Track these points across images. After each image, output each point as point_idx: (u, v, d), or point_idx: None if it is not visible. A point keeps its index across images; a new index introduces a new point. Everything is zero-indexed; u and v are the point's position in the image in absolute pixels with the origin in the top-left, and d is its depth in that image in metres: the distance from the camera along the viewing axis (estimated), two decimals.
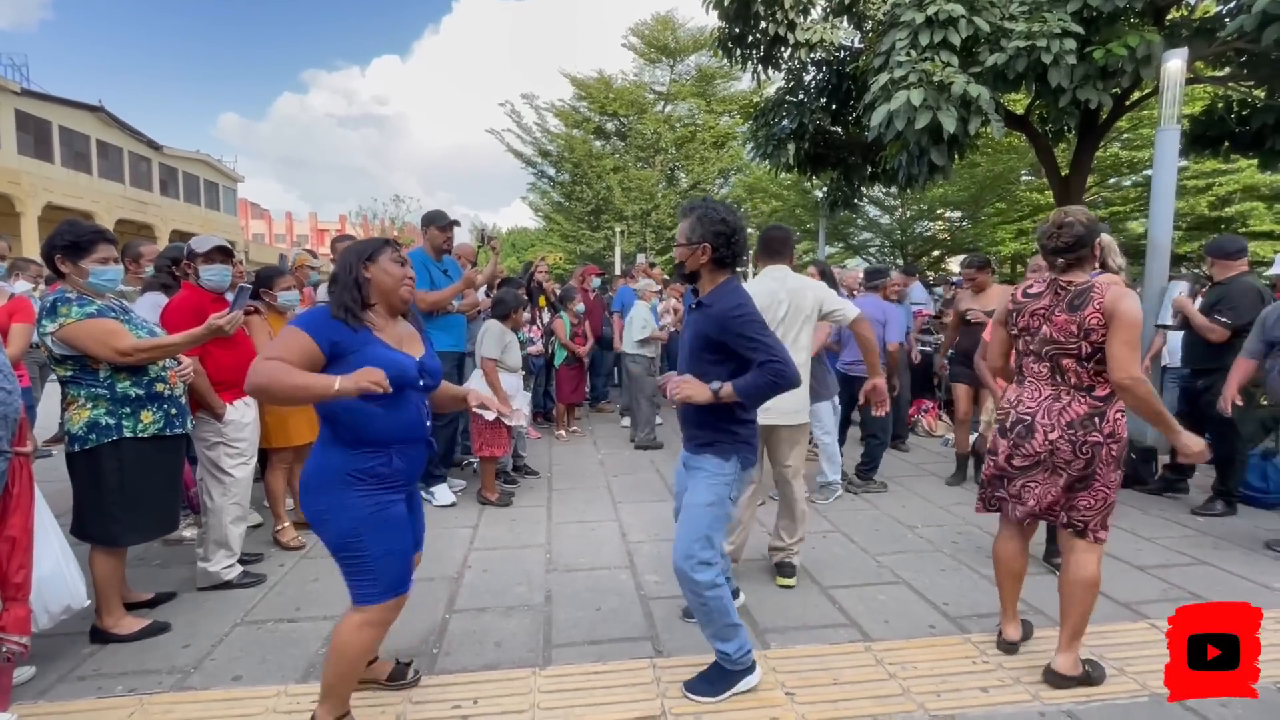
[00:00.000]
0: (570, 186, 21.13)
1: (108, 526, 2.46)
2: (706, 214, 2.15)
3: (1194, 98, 10.34)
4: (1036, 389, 2.30)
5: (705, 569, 2.10)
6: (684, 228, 2.19)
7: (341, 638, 1.85)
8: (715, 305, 2.11)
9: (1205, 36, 6.69)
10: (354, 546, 1.81)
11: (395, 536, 1.86)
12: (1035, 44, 5.83)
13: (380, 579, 1.84)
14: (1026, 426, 2.28)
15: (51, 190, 19.54)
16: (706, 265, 2.17)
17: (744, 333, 2.04)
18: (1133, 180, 15.54)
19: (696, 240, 2.15)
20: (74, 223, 2.50)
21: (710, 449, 2.17)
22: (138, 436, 2.46)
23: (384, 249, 1.93)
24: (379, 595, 1.84)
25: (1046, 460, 2.25)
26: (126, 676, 2.30)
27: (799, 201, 18.16)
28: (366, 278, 1.88)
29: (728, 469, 2.16)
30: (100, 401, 2.41)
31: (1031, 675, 2.31)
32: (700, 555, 2.11)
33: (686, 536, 2.14)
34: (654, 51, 20.86)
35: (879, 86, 6.25)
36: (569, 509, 4.23)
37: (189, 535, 3.50)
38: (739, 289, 2.16)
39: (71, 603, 2.31)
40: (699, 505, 2.16)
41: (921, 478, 4.93)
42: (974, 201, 16.52)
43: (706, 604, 2.11)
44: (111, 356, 2.36)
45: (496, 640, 2.57)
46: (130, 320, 2.52)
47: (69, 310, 2.33)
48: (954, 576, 3.19)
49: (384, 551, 1.83)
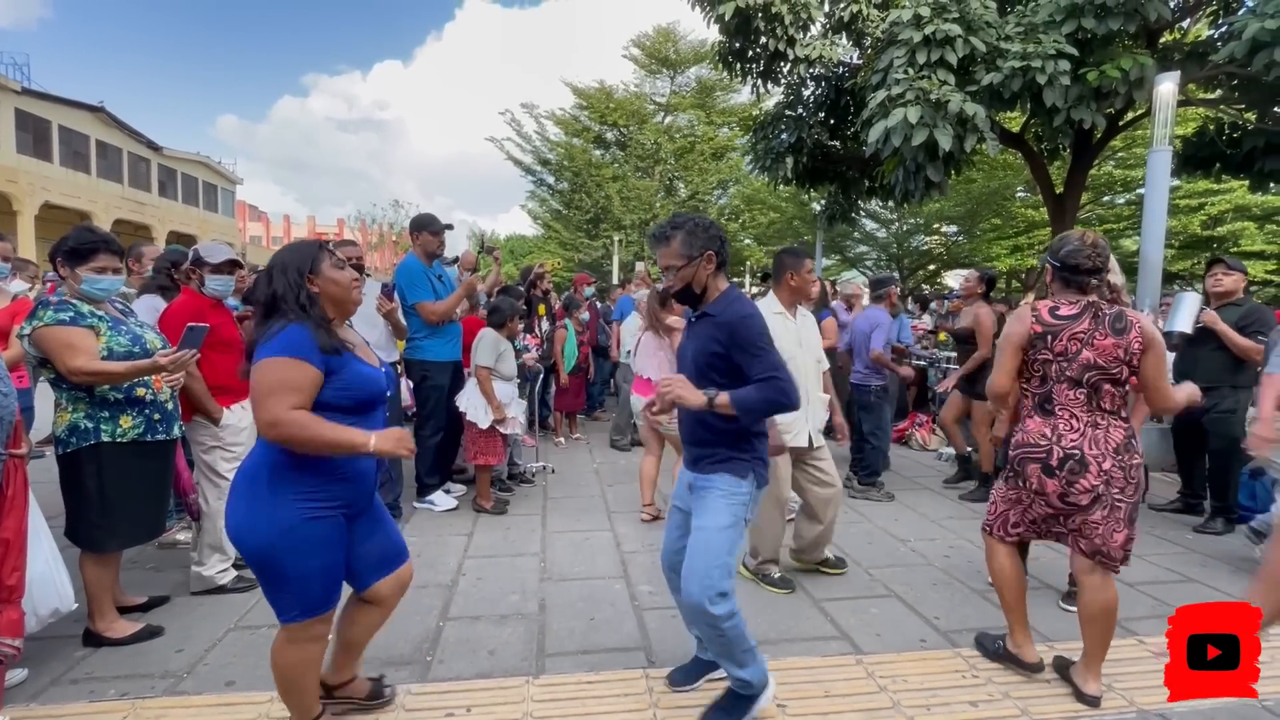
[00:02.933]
0: (569, 195, 21.23)
1: (88, 531, 2.45)
2: (696, 225, 2.05)
3: (1186, 119, 10.48)
4: (1072, 418, 2.18)
5: (723, 601, 1.94)
6: (675, 248, 2.03)
7: (274, 657, 1.82)
8: (722, 313, 1.99)
9: (1197, 60, 6.82)
10: (269, 563, 1.70)
11: (323, 554, 1.74)
12: (1030, 64, 5.94)
13: (299, 598, 1.73)
14: (1079, 461, 2.14)
15: (49, 189, 19.53)
16: (711, 275, 2.06)
17: (753, 341, 1.92)
18: (1126, 198, 15.72)
19: (699, 253, 2.01)
20: (86, 229, 2.52)
21: (724, 467, 2.02)
22: (117, 442, 2.44)
23: (321, 257, 1.78)
24: (299, 614, 1.74)
25: (1104, 495, 2.14)
26: (119, 680, 2.30)
27: (797, 214, 18.29)
28: (314, 292, 1.76)
29: (744, 487, 2.02)
30: (80, 404, 2.41)
31: (1020, 690, 2.33)
32: (720, 586, 1.94)
33: (704, 564, 1.96)
34: (655, 63, 21.04)
35: (877, 103, 6.34)
36: (564, 518, 4.24)
37: (183, 539, 3.49)
38: (744, 297, 2.07)
39: (60, 606, 2.31)
40: (716, 529, 1.98)
41: (915, 491, 4.96)
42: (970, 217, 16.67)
43: (725, 635, 1.97)
44: (63, 370, 2.33)
45: (490, 649, 2.57)
46: (117, 329, 2.47)
47: (44, 314, 2.34)
48: (945, 591, 3.21)
49: (305, 570, 1.71)
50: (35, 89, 19.44)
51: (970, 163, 8.63)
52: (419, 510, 4.25)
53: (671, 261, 2.04)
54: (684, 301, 2.13)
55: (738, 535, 2.03)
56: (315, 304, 1.76)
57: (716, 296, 2.06)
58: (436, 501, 4.24)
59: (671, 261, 2.04)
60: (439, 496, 4.27)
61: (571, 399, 6.50)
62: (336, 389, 1.72)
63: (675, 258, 2.03)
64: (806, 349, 3.21)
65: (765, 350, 1.92)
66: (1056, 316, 2.21)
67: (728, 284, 2.09)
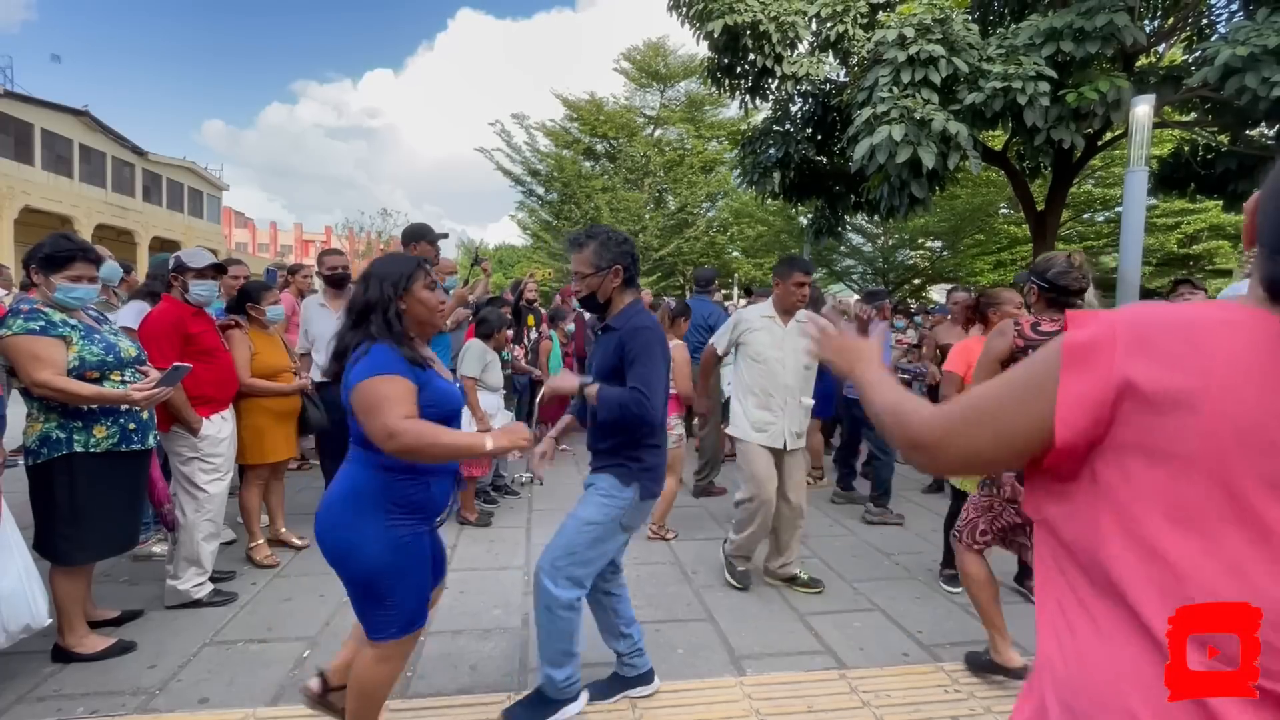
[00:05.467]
0: (559, 205, 21.25)
1: (57, 544, 2.39)
2: (609, 238, 2.14)
3: (1162, 140, 10.75)
4: None
5: (569, 586, 2.04)
6: (587, 256, 2.12)
7: (360, 675, 1.79)
8: (624, 326, 2.09)
9: (1172, 84, 7.02)
10: (377, 583, 1.72)
11: (419, 571, 1.79)
12: (1011, 85, 6.07)
13: (399, 616, 1.76)
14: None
15: (30, 193, 19.23)
16: (617, 288, 2.15)
17: (637, 351, 2.01)
18: (1105, 216, 16.03)
19: (607, 265, 2.11)
20: (63, 237, 2.47)
21: (610, 470, 2.11)
22: (90, 452, 2.39)
23: (416, 276, 1.80)
24: (396, 632, 1.77)
25: None
26: (89, 698, 2.25)
27: (784, 227, 18.45)
28: (402, 309, 1.78)
29: (625, 494, 2.08)
30: (52, 414, 2.36)
31: (1003, 705, 2.34)
32: (568, 570, 2.05)
33: (559, 546, 2.07)
34: (645, 76, 21.20)
35: (862, 120, 6.44)
36: (549, 530, 4.16)
37: (158, 551, 3.43)
38: (645, 312, 2.17)
39: (31, 622, 2.24)
40: (581, 519, 2.08)
41: (898, 504, 4.98)
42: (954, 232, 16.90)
43: (555, 621, 2.06)
44: (26, 382, 2.28)
45: (472, 664, 2.54)
46: (90, 338, 2.42)
47: (13, 323, 2.29)
48: (928, 604, 3.22)
49: (406, 588, 1.76)
50: (18, 91, 19.21)
51: (954, 180, 8.80)
52: None
53: (582, 269, 2.14)
54: (589, 309, 2.26)
55: (606, 535, 2.08)
56: (400, 320, 1.77)
57: (621, 309, 2.16)
58: None
59: (582, 269, 2.14)
60: None
61: (557, 411, 6.47)
62: (426, 405, 1.75)
63: (586, 265, 2.13)
64: (787, 353, 3.23)
65: (644, 363, 2.01)
66: (1038, 332, 2.28)
67: (634, 299, 2.19)
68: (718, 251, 21.50)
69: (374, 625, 1.77)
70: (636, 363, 2.01)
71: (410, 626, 1.80)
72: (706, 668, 2.57)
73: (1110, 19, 5.98)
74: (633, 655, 2.31)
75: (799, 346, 3.26)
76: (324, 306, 3.94)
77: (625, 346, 2.03)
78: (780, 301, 3.27)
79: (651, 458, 2.13)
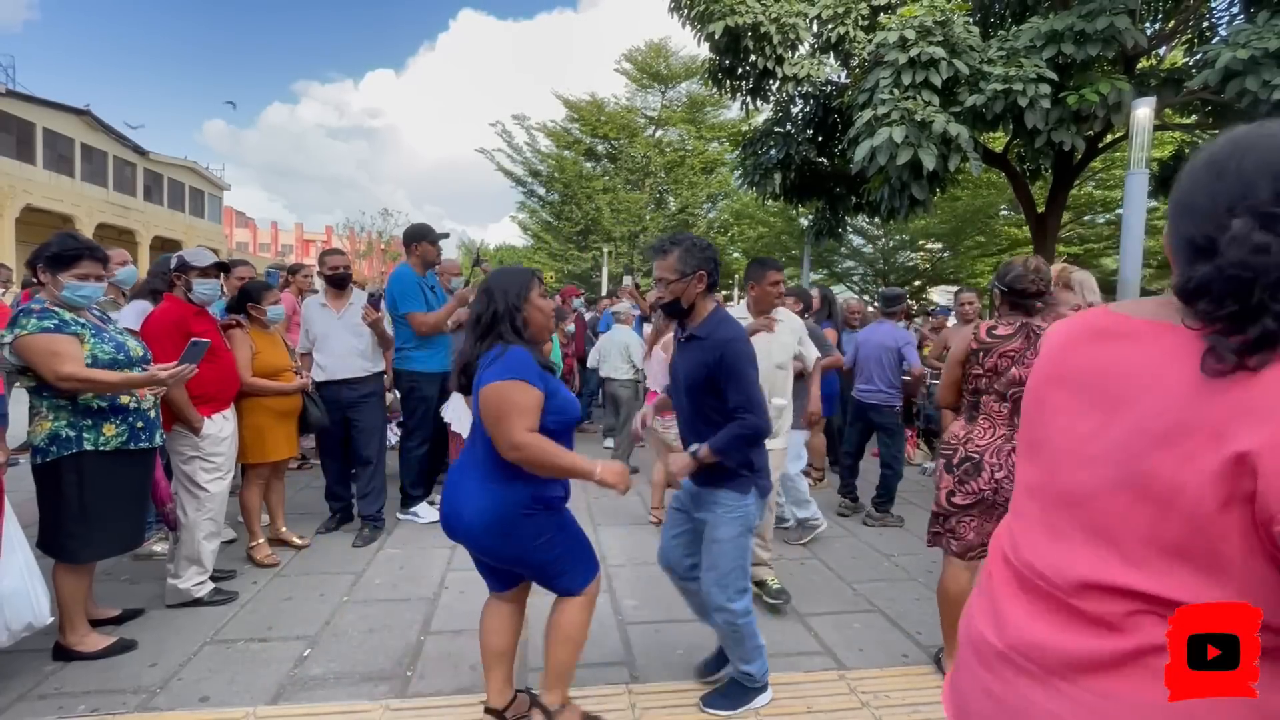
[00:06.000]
0: (559, 206, 21.26)
1: (65, 542, 2.40)
2: (694, 244, 2.15)
3: (1162, 143, 10.75)
4: (990, 428, 2.36)
5: (741, 597, 2.18)
6: (671, 262, 2.13)
7: (569, 623, 1.98)
8: (710, 335, 2.09)
9: (1173, 86, 7.01)
10: (550, 562, 1.94)
11: (573, 538, 2.02)
12: (1012, 87, 6.07)
13: (585, 567, 2.01)
14: (974, 464, 2.34)
15: (31, 192, 19.26)
16: (700, 294, 2.15)
17: (736, 367, 2.03)
18: (1106, 218, 16.03)
19: (691, 271, 2.11)
20: (69, 236, 2.49)
21: (727, 484, 2.15)
22: (99, 450, 2.40)
23: (533, 284, 1.93)
24: (587, 577, 2.01)
25: (989, 498, 2.32)
26: (90, 696, 2.25)
27: (785, 229, 18.45)
28: (524, 320, 1.88)
29: (747, 501, 2.16)
30: (62, 413, 2.36)
31: None
32: (737, 584, 2.17)
33: (720, 569, 2.17)
34: (646, 77, 21.20)
35: (863, 122, 6.44)
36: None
37: (159, 550, 3.43)
38: (731, 318, 2.16)
39: (34, 621, 2.26)
40: (726, 540, 2.16)
41: (899, 505, 4.98)
42: (954, 234, 16.89)
43: (739, 630, 2.19)
44: (50, 378, 2.30)
45: (472, 663, 2.54)
46: (100, 336, 2.45)
47: (27, 322, 2.30)
48: (928, 606, 3.22)
49: (571, 553, 1.98)
50: (20, 91, 19.24)
51: (954, 181, 8.78)
52: (402, 522, 4.21)
53: (666, 274, 2.15)
54: (671, 314, 2.23)
55: (747, 543, 2.21)
56: (528, 328, 1.89)
57: (704, 317, 2.16)
58: (420, 513, 4.20)
59: (666, 274, 2.15)
60: (423, 508, 4.23)
61: None
62: (551, 413, 1.85)
63: (670, 271, 2.14)
64: (775, 356, 3.12)
65: (743, 379, 2.04)
66: (992, 335, 2.38)
67: (715, 305, 2.19)
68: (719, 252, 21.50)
69: (572, 584, 1.98)
70: (734, 379, 2.03)
71: (592, 573, 2.03)
72: None
73: (1111, 21, 5.98)
74: None
75: (769, 348, 3.14)
76: (325, 306, 3.95)
77: (724, 358, 2.04)
78: (758, 303, 3.17)
79: (759, 459, 2.19)
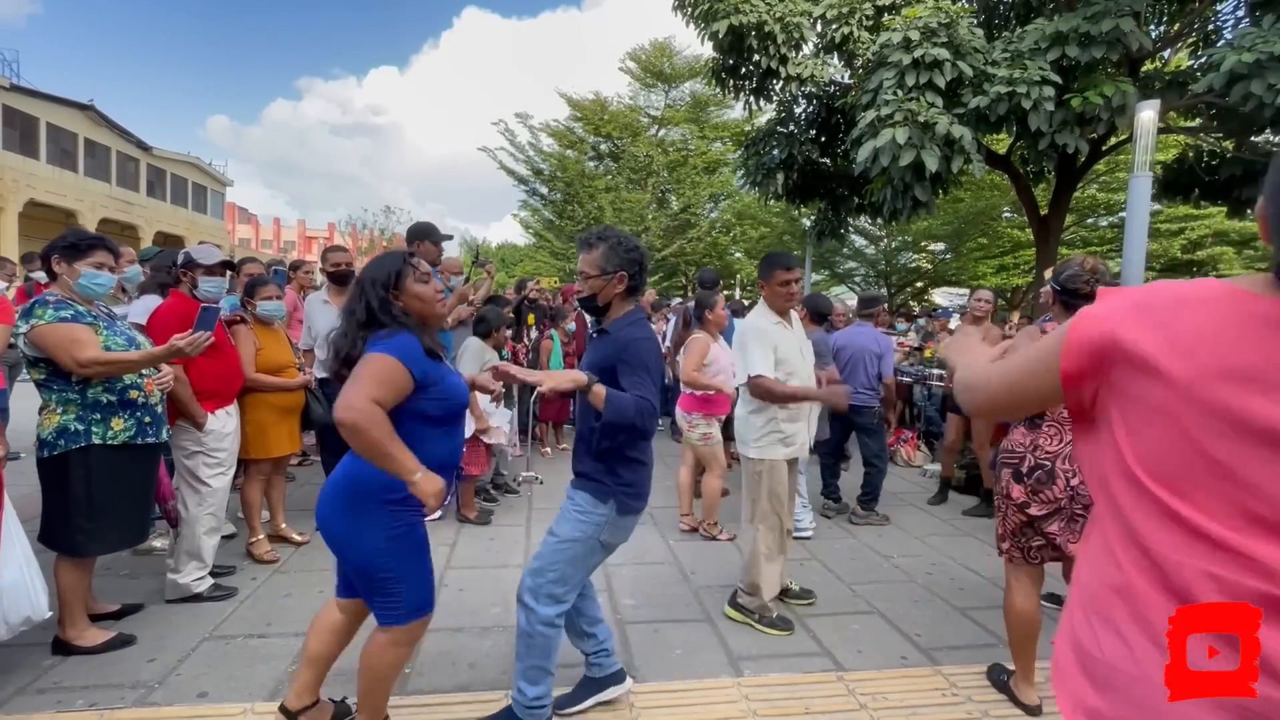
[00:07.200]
0: (562, 205, 21.26)
1: (72, 536, 2.40)
2: (619, 243, 2.10)
3: (1166, 146, 10.72)
4: (1058, 434, 2.27)
5: (550, 603, 2.03)
6: (594, 257, 2.09)
7: (370, 658, 1.86)
8: (619, 333, 2.07)
9: (1177, 89, 7.00)
10: (381, 568, 1.78)
11: (421, 558, 1.87)
12: (1016, 90, 6.06)
13: (406, 600, 1.82)
14: (1047, 472, 2.26)
15: (34, 187, 19.29)
16: (619, 294, 2.12)
17: (639, 362, 1.98)
18: (1109, 221, 15.99)
19: (612, 270, 2.08)
20: (81, 229, 2.53)
21: (588, 486, 2.06)
22: (107, 444, 2.41)
23: (404, 272, 1.83)
24: (404, 616, 1.83)
25: (1066, 508, 2.24)
26: (88, 690, 2.25)
27: (787, 229, 18.43)
28: (401, 308, 1.80)
29: (601, 510, 2.04)
30: (71, 406, 2.37)
31: (1000, 709, 2.34)
32: (550, 589, 2.03)
33: (540, 564, 2.06)
34: (650, 77, 21.20)
35: (866, 123, 6.43)
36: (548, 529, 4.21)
37: (159, 545, 3.43)
38: (645, 322, 2.14)
39: (32, 614, 2.26)
40: (563, 538, 2.06)
41: (899, 507, 4.98)
42: (957, 235, 16.87)
43: (533, 638, 2.04)
44: (71, 365, 2.31)
45: (470, 662, 2.55)
46: (112, 328, 2.49)
47: (44, 313, 2.32)
48: (927, 608, 3.22)
49: (410, 573, 1.82)
50: (24, 85, 19.26)
51: (957, 183, 8.76)
52: None
53: (587, 269, 2.12)
54: (588, 310, 2.24)
55: (585, 553, 2.07)
56: (409, 316, 1.82)
57: (620, 316, 2.13)
58: None
59: (587, 269, 2.12)
60: None
61: (557, 410, 6.48)
62: (434, 399, 1.79)
63: (591, 266, 2.11)
64: (807, 358, 3.11)
65: (646, 375, 1.99)
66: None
67: (634, 307, 2.16)
68: (720, 252, 21.48)
69: (382, 611, 1.82)
70: (638, 373, 1.97)
71: (418, 612, 1.85)
72: (704, 668, 2.58)
73: (1116, 24, 5.96)
74: (598, 655, 2.27)
75: (806, 346, 3.15)
76: (327, 303, 3.96)
77: (623, 354, 2.00)
78: (772, 303, 3.09)
79: (630, 473, 2.07)
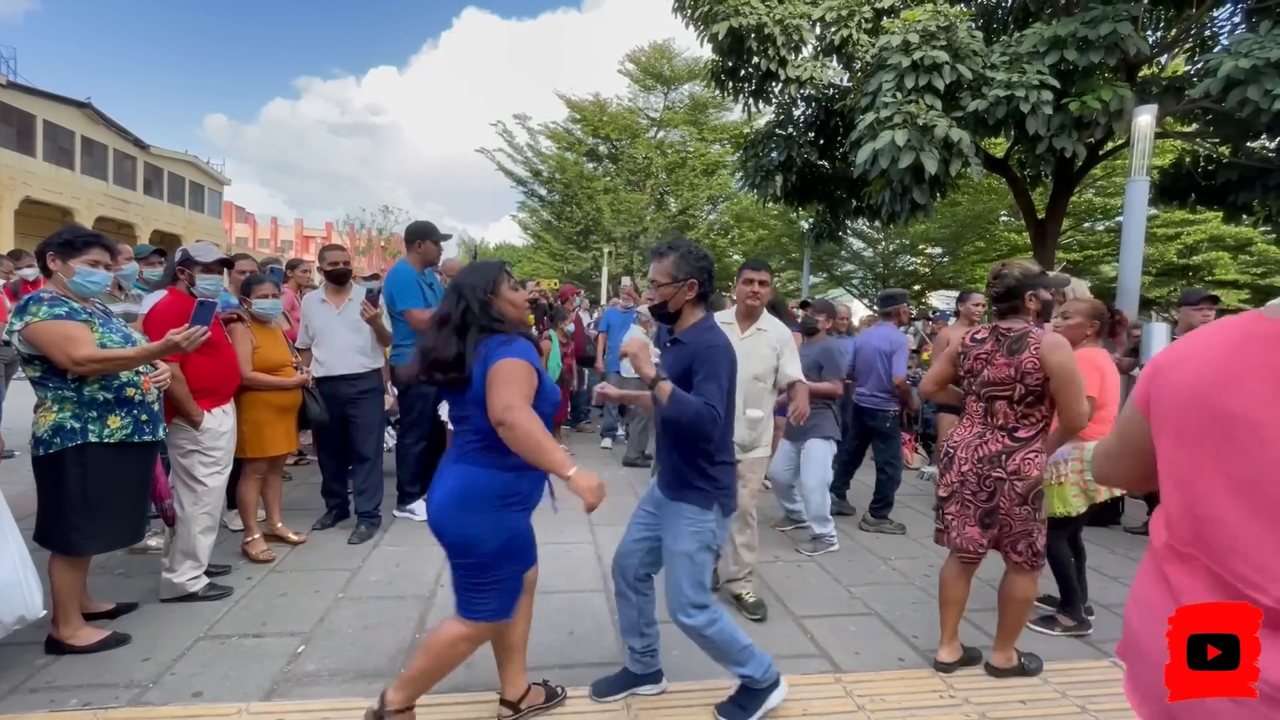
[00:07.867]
0: (560, 206, 21.26)
1: (67, 534, 2.39)
2: (689, 252, 2.16)
3: (1163, 151, 10.77)
4: (970, 426, 2.51)
5: (699, 612, 2.12)
6: (665, 266, 2.14)
7: (439, 646, 1.90)
8: (694, 342, 2.10)
9: (1174, 94, 7.03)
10: (494, 567, 1.85)
11: (523, 562, 1.96)
12: (1014, 93, 6.07)
13: (501, 599, 1.90)
14: (949, 459, 2.52)
15: (31, 184, 19.24)
16: (690, 302, 2.17)
17: (710, 369, 2.01)
18: (1106, 225, 16.05)
19: (683, 278, 2.13)
20: (78, 226, 2.51)
21: (690, 496, 2.11)
22: (103, 442, 2.39)
23: (501, 278, 1.93)
24: (492, 614, 1.90)
25: (958, 491, 2.47)
26: (82, 690, 2.24)
27: (785, 231, 18.45)
28: (497, 311, 1.89)
29: (709, 518, 2.11)
30: (67, 404, 2.36)
31: (999, 710, 2.34)
32: (693, 599, 2.11)
33: (677, 585, 2.12)
34: (649, 78, 21.22)
35: (865, 125, 6.44)
36: (546, 529, 4.15)
37: (154, 544, 3.42)
38: (717, 328, 2.18)
39: (26, 614, 2.23)
40: (682, 554, 2.12)
41: (897, 509, 4.97)
42: (955, 239, 16.92)
43: (711, 640, 2.14)
44: (66, 363, 2.29)
45: (468, 662, 2.53)
46: (108, 325, 2.47)
47: (38, 310, 2.30)
48: (924, 610, 3.22)
49: (509, 575, 1.90)
50: (21, 83, 19.20)
51: (955, 186, 8.78)
52: (399, 519, 4.20)
53: (659, 278, 2.17)
54: (660, 318, 2.27)
55: (706, 559, 2.15)
56: (505, 319, 1.90)
57: (692, 324, 2.17)
58: (416, 510, 4.19)
59: (659, 278, 2.17)
60: (419, 506, 4.21)
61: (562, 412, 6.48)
62: (542, 399, 1.87)
63: (663, 275, 2.16)
64: (750, 363, 2.93)
65: (715, 381, 2.01)
66: (973, 340, 2.51)
67: (704, 314, 2.21)
68: (719, 254, 21.50)
69: (474, 606, 1.89)
70: (708, 380, 2.00)
71: (501, 614, 1.92)
72: (702, 669, 2.56)
73: (1114, 28, 5.99)
74: (646, 654, 2.33)
75: (759, 352, 3.02)
76: (325, 302, 3.94)
77: (698, 358, 2.04)
78: (738, 304, 3.08)
79: (726, 477, 2.15)
